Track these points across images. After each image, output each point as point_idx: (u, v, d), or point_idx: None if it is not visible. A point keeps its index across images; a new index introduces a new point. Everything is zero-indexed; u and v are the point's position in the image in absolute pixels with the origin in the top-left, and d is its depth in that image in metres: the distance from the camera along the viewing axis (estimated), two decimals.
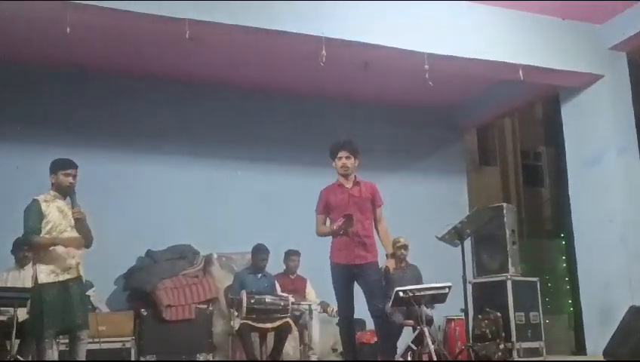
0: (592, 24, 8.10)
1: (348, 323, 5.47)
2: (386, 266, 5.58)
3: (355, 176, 5.53)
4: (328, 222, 5.48)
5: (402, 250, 7.41)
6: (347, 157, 5.44)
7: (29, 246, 5.18)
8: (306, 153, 9.00)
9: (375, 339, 7.05)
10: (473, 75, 8.32)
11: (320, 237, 5.52)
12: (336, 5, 6.80)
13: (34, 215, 5.02)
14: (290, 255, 7.76)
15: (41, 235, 5.01)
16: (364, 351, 7.28)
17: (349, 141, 5.49)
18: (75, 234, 5.12)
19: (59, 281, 4.99)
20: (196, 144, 8.69)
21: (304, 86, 8.97)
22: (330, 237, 5.44)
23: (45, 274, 4.95)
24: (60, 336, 5.34)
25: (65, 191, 5.17)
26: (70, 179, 5.15)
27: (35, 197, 5.11)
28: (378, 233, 5.51)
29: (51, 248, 5.00)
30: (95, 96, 8.25)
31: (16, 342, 5.64)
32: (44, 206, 5.06)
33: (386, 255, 5.54)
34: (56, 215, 5.08)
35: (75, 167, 5.20)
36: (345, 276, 5.36)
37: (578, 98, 8.44)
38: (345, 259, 5.34)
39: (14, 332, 5.48)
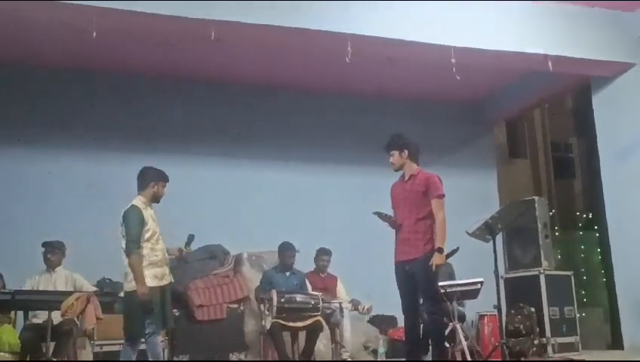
0: (622, 12, 7.95)
1: (407, 321, 5.49)
2: (431, 262, 5.29)
3: (416, 168, 5.55)
4: None
5: None
6: (391, 155, 5.55)
7: (128, 256, 5.11)
8: (335, 151, 9.00)
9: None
10: (501, 67, 8.21)
11: None
12: (361, 2, 6.76)
13: (137, 222, 5.09)
14: (321, 254, 7.71)
15: (142, 243, 5.10)
16: (398, 347, 7.26)
17: (389, 140, 5.58)
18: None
19: (160, 286, 5.19)
20: (225, 144, 8.71)
21: (332, 83, 8.93)
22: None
23: (150, 278, 5.10)
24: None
25: (155, 201, 5.36)
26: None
27: (134, 204, 5.18)
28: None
29: (155, 255, 5.16)
30: (123, 99, 8.31)
31: (51, 345, 5.73)
32: (144, 213, 5.15)
33: (435, 249, 5.33)
34: (152, 223, 5.20)
35: None
36: (399, 273, 5.47)
37: (609, 87, 8.28)
38: (396, 256, 5.50)
39: (49, 334, 5.57)
